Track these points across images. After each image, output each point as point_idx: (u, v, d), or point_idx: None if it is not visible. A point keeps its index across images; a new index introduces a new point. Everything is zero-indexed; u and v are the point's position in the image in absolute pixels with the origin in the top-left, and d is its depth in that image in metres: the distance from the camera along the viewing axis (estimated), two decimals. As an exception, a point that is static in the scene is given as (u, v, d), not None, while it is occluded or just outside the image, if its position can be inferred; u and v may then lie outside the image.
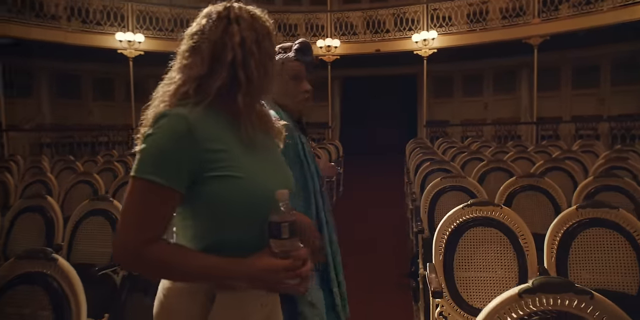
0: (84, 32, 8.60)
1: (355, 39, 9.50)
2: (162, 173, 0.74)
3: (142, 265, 0.78)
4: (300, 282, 0.79)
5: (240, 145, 0.81)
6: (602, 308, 0.95)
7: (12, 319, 1.29)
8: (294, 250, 0.78)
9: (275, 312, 0.91)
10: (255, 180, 0.79)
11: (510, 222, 1.85)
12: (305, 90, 1.34)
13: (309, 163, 1.29)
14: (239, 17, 0.84)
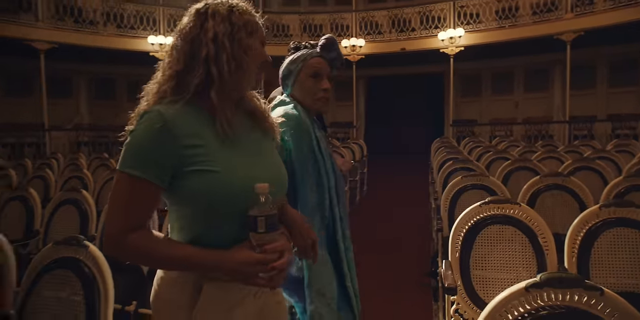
0: (119, 36, 9.01)
1: (380, 38, 9.45)
2: (140, 166, 0.78)
3: (122, 253, 0.81)
4: (273, 276, 0.81)
5: (218, 140, 0.83)
6: (613, 305, 0.93)
7: (50, 302, 1.40)
8: (270, 244, 0.80)
9: (271, 304, 0.92)
10: (232, 174, 0.81)
11: (529, 221, 1.82)
12: (324, 89, 1.29)
13: (324, 159, 1.27)
14: (215, 11, 0.85)
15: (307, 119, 1.27)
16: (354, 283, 1.32)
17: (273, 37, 9.93)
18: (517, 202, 1.86)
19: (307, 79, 1.29)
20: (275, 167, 0.93)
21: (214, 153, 0.82)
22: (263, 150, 0.92)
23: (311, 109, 1.32)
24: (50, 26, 8.15)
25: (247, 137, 0.90)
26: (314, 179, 1.24)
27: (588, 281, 0.97)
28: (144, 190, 0.79)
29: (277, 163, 0.94)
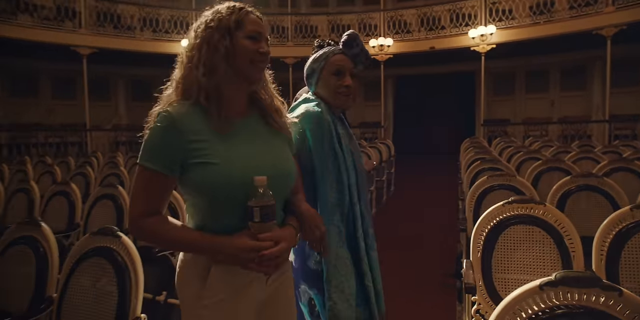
0: (154, 40, 9.41)
1: (408, 37, 9.34)
2: (153, 160, 0.89)
3: (139, 234, 0.93)
4: (263, 262, 0.87)
5: (218, 136, 0.91)
6: (632, 306, 0.90)
7: (85, 288, 1.51)
8: (264, 233, 0.87)
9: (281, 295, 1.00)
10: (231, 166, 0.89)
11: (554, 221, 1.77)
12: (345, 85, 1.27)
13: (344, 156, 1.25)
14: (201, 19, 0.95)
15: (328, 116, 1.25)
16: (376, 282, 1.30)
17: (302, 38, 10.04)
18: (542, 202, 1.82)
19: (329, 77, 1.28)
20: (279, 160, 0.97)
21: (214, 147, 0.90)
22: (268, 144, 0.98)
23: (334, 106, 1.31)
24: (92, 32, 8.63)
25: (253, 132, 0.97)
26: (334, 176, 1.23)
27: (606, 281, 0.94)
28: (157, 181, 0.90)
29: (282, 157, 0.99)
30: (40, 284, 1.61)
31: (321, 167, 1.24)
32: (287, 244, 0.91)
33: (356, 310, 1.25)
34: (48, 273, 1.62)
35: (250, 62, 0.93)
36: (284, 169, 0.98)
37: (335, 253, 1.21)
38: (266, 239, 0.87)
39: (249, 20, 0.94)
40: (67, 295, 1.51)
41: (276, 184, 0.91)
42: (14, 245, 1.72)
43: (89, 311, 1.44)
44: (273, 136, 1.00)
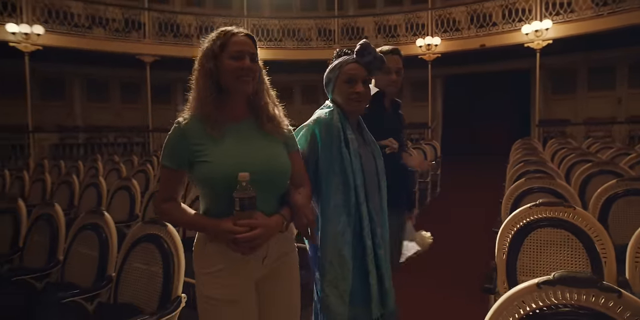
0: (209, 47, 10.01)
1: (457, 36, 9.06)
2: (168, 159, 1.14)
3: (160, 215, 1.24)
4: (238, 244, 1.05)
5: (213, 139, 1.12)
6: (632, 308, 0.90)
7: (137, 269, 1.74)
8: (243, 219, 1.04)
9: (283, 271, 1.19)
10: (222, 164, 1.09)
11: (584, 226, 1.73)
12: (356, 92, 1.35)
13: (351, 159, 1.32)
14: (204, 46, 1.15)
15: (338, 121, 1.35)
16: (384, 282, 1.34)
17: (348, 40, 10.13)
18: (572, 205, 1.78)
19: (342, 85, 1.38)
20: (267, 158, 1.14)
21: (210, 149, 1.11)
22: (258, 145, 1.16)
23: (348, 111, 1.40)
24: (154, 42, 9.39)
25: (246, 134, 1.16)
26: (340, 178, 1.31)
27: (605, 282, 0.94)
28: (171, 175, 1.16)
29: (271, 155, 1.16)
30: (102, 264, 1.88)
31: (327, 169, 1.32)
32: (264, 230, 1.07)
33: (354, 308, 1.30)
34: (109, 255, 1.89)
35: (236, 78, 1.12)
36: (272, 166, 1.14)
37: (338, 251, 1.28)
38: (242, 224, 1.05)
39: (232, 42, 1.12)
40: (123, 275, 1.75)
41: (265, 179, 1.10)
42: (83, 230, 2.01)
43: (140, 288, 1.67)
44: (264, 137, 1.17)
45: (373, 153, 1.45)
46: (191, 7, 11.31)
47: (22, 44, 7.84)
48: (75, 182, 3.89)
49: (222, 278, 1.12)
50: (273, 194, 1.16)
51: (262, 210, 1.10)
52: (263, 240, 1.08)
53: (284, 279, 1.20)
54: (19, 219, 2.49)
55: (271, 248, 1.16)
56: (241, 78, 1.11)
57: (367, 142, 1.47)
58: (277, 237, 1.16)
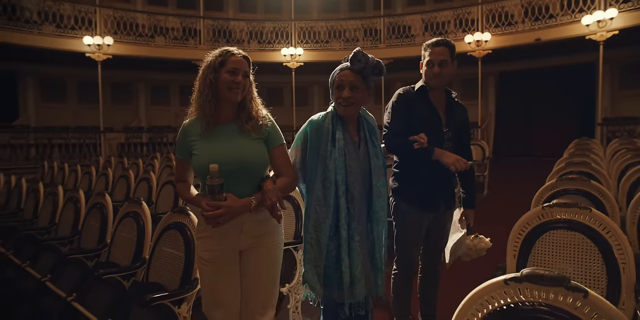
0: (260, 50, 10.46)
1: (510, 30, 8.57)
2: (177, 151, 1.51)
3: (178, 191, 1.56)
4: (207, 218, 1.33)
5: (202, 137, 1.42)
6: (598, 309, 0.90)
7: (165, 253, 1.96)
8: (211, 201, 1.32)
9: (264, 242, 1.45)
10: (203, 156, 1.39)
11: (602, 229, 1.66)
12: (342, 97, 1.48)
13: (336, 157, 1.45)
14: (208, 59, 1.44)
15: (330, 123, 1.49)
16: (353, 269, 1.45)
17: (395, 39, 10.04)
18: (588, 207, 1.70)
19: (335, 91, 1.53)
20: (238, 153, 1.40)
21: (198, 144, 1.42)
22: (235, 142, 1.42)
23: (341, 114, 1.53)
24: (208, 47, 9.99)
25: (228, 134, 1.43)
26: (323, 173, 1.46)
27: (573, 282, 0.94)
28: (180, 163, 1.53)
29: (241, 150, 1.41)
30: (139, 247, 2.14)
31: (313, 165, 1.48)
32: (226, 210, 1.33)
33: (328, 289, 1.46)
34: (144, 240, 2.14)
35: (229, 89, 1.39)
36: (242, 158, 1.40)
37: (317, 236, 1.44)
38: (210, 205, 1.33)
39: (230, 60, 1.40)
40: (154, 257, 1.99)
41: (236, 168, 1.38)
42: (125, 217, 2.30)
43: (166, 270, 1.89)
44: (242, 136, 1.43)
45: (368, 152, 1.53)
46: (244, 13, 11.88)
47: (96, 54, 8.78)
48: (131, 177, 4.34)
49: (207, 243, 1.45)
50: (247, 181, 1.42)
51: (237, 193, 1.37)
52: (226, 218, 1.34)
53: (262, 253, 1.46)
54: (78, 207, 2.88)
55: (246, 225, 1.43)
56: (232, 89, 1.39)
57: (365, 141, 1.56)
58: (251, 217, 1.42)
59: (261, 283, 1.47)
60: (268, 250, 1.46)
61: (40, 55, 8.81)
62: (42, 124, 10.06)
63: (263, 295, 1.48)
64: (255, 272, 1.46)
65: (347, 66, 1.51)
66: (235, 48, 1.44)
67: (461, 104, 2.06)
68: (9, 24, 8.06)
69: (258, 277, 1.46)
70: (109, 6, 9.58)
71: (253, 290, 1.47)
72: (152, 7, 10.91)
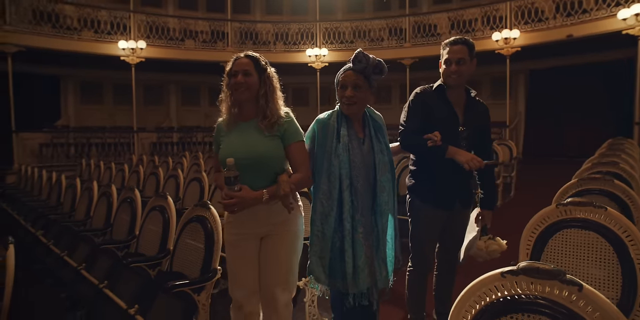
0: (285, 52, 10.64)
1: (540, 26, 8.29)
2: (214, 147, 1.69)
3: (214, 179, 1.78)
4: (225, 206, 1.48)
5: (227, 133, 1.61)
6: (593, 302, 0.91)
7: (187, 244, 2.08)
8: (228, 191, 1.47)
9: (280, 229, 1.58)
10: (225, 150, 1.57)
11: (618, 229, 1.63)
12: (344, 96, 1.56)
13: (340, 153, 1.54)
14: None
15: (335, 121, 1.57)
16: (357, 260, 1.52)
17: (420, 38, 9.94)
18: (603, 206, 1.68)
19: (339, 91, 1.61)
20: (254, 148, 1.54)
21: (224, 139, 1.61)
22: (250, 138, 1.56)
23: (345, 112, 1.61)
24: (236, 49, 10.25)
25: (246, 130, 1.59)
26: (329, 168, 1.54)
27: (568, 276, 0.95)
28: (216, 156, 1.69)
29: (255, 146, 1.54)
30: (164, 239, 2.28)
31: (320, 160, 1.57)
32: (239, 200, 1.47)
33: (333, 279, 1.53)
34: (169, 232, 2.28)
35: (235, 90, 1.56)
36: (254, 153, 1.54)
37: (322, 228, 1.52)
38: (226, 194, 1.48)
39: (234, 64, 1.57)
40: (177, 248, 2.12)
41: (250, 162, 1.52)
42: (152, 211, 2.45)
43: (188, 260, 2.01)
44: (258, 133, 1.57)
45: (373, 148, 1.59)
46: (270, 15, 12.10)
47: (130, 57, 9.21)
48: (160, 174, 4.56)
49: (229, 228, 1.64)
50: (261, 174, 1.55)
51: (252, 185, 1.50)
52: (240, 207, 1.49)
53: (277, 239, 1.60)
54: (110, 202, 3.08)
55: (260, 214, 1.57)
56: (236, 90, 1.55)
57: (370, 138, 1.62)
58: (265, 207, 1.55)
59: (276, 264, 1.60)
60: (282, 237, 1.60)
61: (79, 59, 9.34)
62: (81, 124, 10.65)
63: (278, 274, 1.60)
64: (270, 255, 1.60)
65: (349, 67, 1.58)
66: (244, 53, 1.60)
67: (482, 103, 2.06)
68: (53, 31, 8.59)
69: (273, 259, 1.60)
70: (142, 11, 10.02)
71: (269, 270, 1.60)
72: (182, 12, 11.32)
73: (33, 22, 8.36)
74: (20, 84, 8.29)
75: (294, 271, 1.64)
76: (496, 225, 4.77)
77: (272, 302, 1.60)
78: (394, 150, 1.94)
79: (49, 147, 8.94)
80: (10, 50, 7.92)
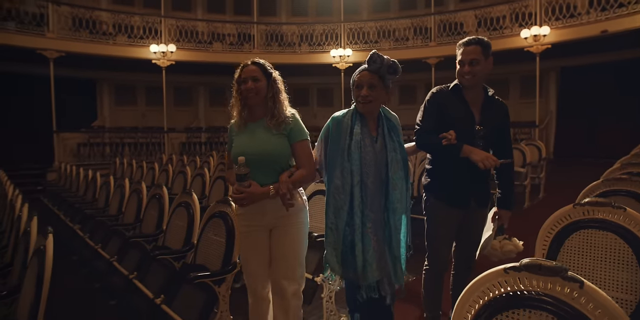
0: (310, 53, 10.75)
1: (572, 22, 7.97)
2: (228, 145, 1.80)
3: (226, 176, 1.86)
4: (236, 200, 1.64)
5: (238, 133, 1.74)
6: (594, 299, 0.91)
7: (209, 238, 2.19)
8: (239, 187, 1.61)
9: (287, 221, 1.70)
10: (236, 149, 1.70)
11: (638, 230, 1.60)
12: (360, 95, 1.63)
13: (351, 150, 1.60)
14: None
15: (349, 119, 1.63)
16: (365, 253, 1.58)
17: (446, 37, 9.79)
18: (622, 206, 1.65)
19: (355, 90, 1.67)
20: (262, 146, 1.68)
21: (236, 139, 1.74)
22: (259, 137, 1.69)
23: (361, 111, 1.67)
24: (262, 51, 10.47)
25: (256, 130, 1.72)
26: (341, 164, 1.60)
27: (571, 273, 0.96)
28: (229, 155, 1.80)
29: (263, 144, 1.67)
30: (189, 233, 2.40)
31: (333, 156, 1.63)
32: (247, 195, 1.62)
33: (346, 270, 1.59)
34: (193, 227, 2.40)
35: (245, 96, 1.69)
36: (263, 151, 1.67)
37: (336, 222, 1.58)
38: (236, 189, 1.63)
39: (243, 71, 1.70)
40: (201, 242, 2.23)
41: (258, 159, 1.65)
42: (178, 207, 2.58)
43: (210, 253, 2.12)
44: (266, 132, 1.70)
45: (386, 146, 1.64)
46: (296, 17, 12.25)
47: (161, 61, 9.58)
48: (188, 172, 4.75)
49: (240, 220, 1.80)
50: (268, 171, 1.68)
51: (261, 181, 1.65)
52: (248, 201, 1.64)
53: (283, 231, 1.73)
54: (140, 198, 3.25)
55: (267, 207, 1.69)
56: (246, 97, 1.69)
57: (383, 136, 1.67)
58: (272, 201, 1.66)
59: (283, 254, 1.73)
60: (288, 229, 1.72)
61: (114, 63, 9.80)
62: (115, 125, 11.16)
63: (285, 265, 1.72)
64: (277, 247, 1.73)
65: (365, 68, 1.64)
66: (250, 60, 1.73)
67: (500, 102, 2.05)
68: (90, 37, 9.07)
69: (279, 251, 1.73)
70: (172, 16, 10.40)
71: (277, 260, 1.74)
72: (211, 15, 11.65)
73: (72, 29, 8.87)
74: (60, 87, 8.79)
75: (300, 261, 1.74)
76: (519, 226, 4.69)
77: (280, 291, 1.72)
78: (410, 150, 1.97)
79: (86, 146, 9.43)
80: (52, 56, 8.43)
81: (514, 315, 1.01)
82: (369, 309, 1.70)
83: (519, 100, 10.12)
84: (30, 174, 8.38)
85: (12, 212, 2.68)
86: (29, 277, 1.50)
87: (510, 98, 10.61)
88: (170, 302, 2.13)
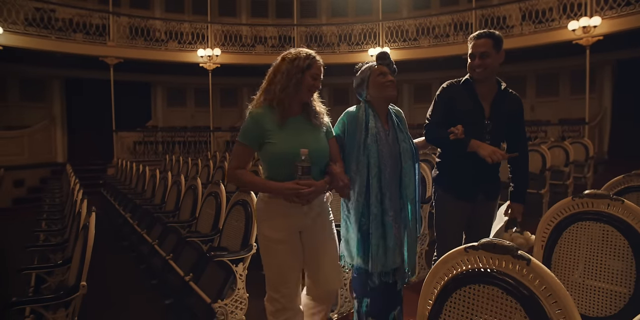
0: (349, 52, 10.86)
1: (628, 11, 7.35)
2: (243, 138, 1.60)
3: (231, 179, 1.64)
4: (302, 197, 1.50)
5: (279, 127, 1.56)
6: (540, 276, 1.00)
7: (231, 224, 2.43)
8: (304, 181, 1.49)
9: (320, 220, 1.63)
10: (282, 145, 1.55)
11: (636, 223, 1.61)
12: (389, 80, 1.71)
13: (367, 143, 1.67)
14: (293, 57, 1.61)
15: (363, 114, 1.72)
16: (388, 240, 1.65)
17: (489, 32, 9.45)
18: (620, 199, 1.64)
19: (376, 77, 1.73)
20: (311, 143, 1.58)
21: (276, 134, 1.56)
22: (307, 133, 1.62)
23: (385, 98, 1.74)
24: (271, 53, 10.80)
25: (299, 126, 1.62)
26: (358, 157, 1.69)
27: (521, 252, 1.04)
28: (244, 150, 1.61)
29: (316, 141, 1.61)
30: (216, 219, 2.68)
31: (349, 150, 1.72)
32: (316, 189, 1.53)
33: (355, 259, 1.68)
34: (220, 214, 2.67)
35: (308, 90, 1.59)
36: (317, 148, 1.60)
37: (348, 212, 1.69)
38: (304, 184, 1.50)
39: (315, 66, 1.59)
40: (225, 227, 2.49)
41: (316, 155, 1.56)
42: (208, 196, 2.87)
43: (232, 237, 2.37)
44: (311, 128, 1.64)
45: (397, 137, 1.75)
46: (335, 18, 12.41)
47: (207, 64, 10.19)
48: (225, 168, 5.13)
49: (276, 225, 1.59)
50: (318, 167, 1.61)
51: (316, 178, 1.58)
52: (314, 196, 1.56)
53: (318, 231, 1.66)
54: (179, 189, 3.61)
55: (308, 206, 1.59)
56: (311, 91, 1.61)
57: (394, 129, 1.78)
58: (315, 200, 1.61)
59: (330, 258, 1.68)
60: (324, 227, 1.68)
61: (166, 67, 10.58)
62: (167, 124, 12.00)
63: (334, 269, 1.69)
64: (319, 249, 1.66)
65: (378, 62, 1.78)
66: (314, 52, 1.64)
67: (514, 95, 2.04)
68: (145, 43, 9.89)
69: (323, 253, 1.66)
70: (218, 22, 11.00)
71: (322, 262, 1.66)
72: (254, 19, 12.15)
73: (130, 37, 9.72)
74: (119, 90, 9.67)
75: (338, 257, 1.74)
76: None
77: (330, 295, 1.70)
78: (421, 144, 2.03)
79: (141, 144, 10.27)
80: (112, 62, 9.31)
81: (471, 290, 1.11)
82: (379, 294, 1.75)
83: (569, 97, 9.54)
84: (94, 169, 9.34)
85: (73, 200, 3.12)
86: (77, 248, 1.82)
87: (561, 94, 10.03)
88: (197, 280, 2.40)
